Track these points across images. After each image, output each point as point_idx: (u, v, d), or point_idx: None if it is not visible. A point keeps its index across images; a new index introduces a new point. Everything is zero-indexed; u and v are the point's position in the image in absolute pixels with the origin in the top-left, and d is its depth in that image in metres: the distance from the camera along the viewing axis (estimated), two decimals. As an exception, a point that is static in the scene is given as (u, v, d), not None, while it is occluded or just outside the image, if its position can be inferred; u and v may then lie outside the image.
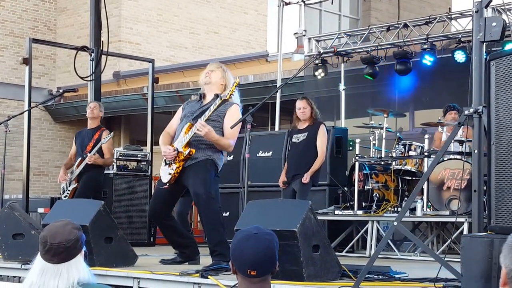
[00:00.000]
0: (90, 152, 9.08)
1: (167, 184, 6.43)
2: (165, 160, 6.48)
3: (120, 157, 10.20)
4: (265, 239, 3.03)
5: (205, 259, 6.57)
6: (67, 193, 9.23)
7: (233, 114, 6.38)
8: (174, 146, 6.42)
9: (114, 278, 6.11)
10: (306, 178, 8.12)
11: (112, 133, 9.27)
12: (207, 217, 6.40)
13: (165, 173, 6.47)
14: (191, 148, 6.30)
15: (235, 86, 6.20)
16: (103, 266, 6.26)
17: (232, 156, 9.68)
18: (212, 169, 6.38)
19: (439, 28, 11.12)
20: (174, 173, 6.36)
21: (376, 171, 8.97)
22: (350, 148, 9.77)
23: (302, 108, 8.32)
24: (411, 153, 8.69)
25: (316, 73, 11.97)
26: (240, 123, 6.40)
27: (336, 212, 8.97)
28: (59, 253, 3.16)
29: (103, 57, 10.51)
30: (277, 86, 11.93)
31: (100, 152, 9.17)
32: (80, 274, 3.18)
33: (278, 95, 11.92)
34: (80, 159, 9.20)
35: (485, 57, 5.09)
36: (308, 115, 8.31)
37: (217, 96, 6.32)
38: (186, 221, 8.30)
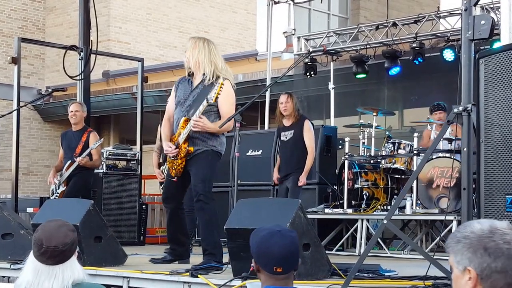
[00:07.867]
0: (79, 155, 9.01)
1: (175, 177, 6.49)
2: None
3: (110, 157, 10.17)
4: (289, 235, 3.04)
5: (195, 258, 6.57)
6: (56, 196, 9.18)
7: (226, 91, 6.30)
8: (176, 139, 6.43)
9: (104, 277, 6.09)
10: (302, 181, 8.13)
11: (101, 139, 9.23)
12: (203, 216, 6.42)
13: (172, 167, 6.54)
14: (189, 147, 6.34)
15: (220, 87, 6.14)
16: (92, 266, 6.24)
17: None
18: (213, 159, 6.41)
19: (428, 26, 11.15)
20: (179, 168, 6.42)
21: (366, 170, 8.99)
22: (340, 146, 9.78)
23: (284, 102, 8.34)
24: (400, 151, 8.71)
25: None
26: (233, 109, 6.38)
27: (326, 210, 8.98)
28: (54, 256, 3.13)
29: (92, 56, 10.48)
30: (267, 85, 11.92)
31: (89, 154, 9.09)
32: (75, 275, 3.16)
33: (267, 94, 11.93)
34: (69, 162, 9.12)
35: (473, 55, 5.09)
36: (290, 110, 8.32)
37: (203, 83, 6.36)
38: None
